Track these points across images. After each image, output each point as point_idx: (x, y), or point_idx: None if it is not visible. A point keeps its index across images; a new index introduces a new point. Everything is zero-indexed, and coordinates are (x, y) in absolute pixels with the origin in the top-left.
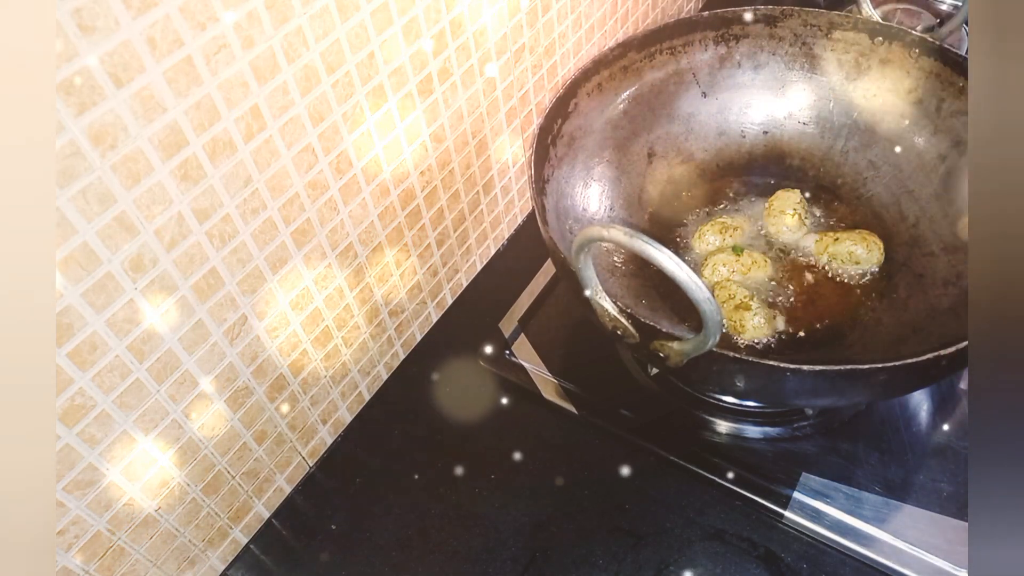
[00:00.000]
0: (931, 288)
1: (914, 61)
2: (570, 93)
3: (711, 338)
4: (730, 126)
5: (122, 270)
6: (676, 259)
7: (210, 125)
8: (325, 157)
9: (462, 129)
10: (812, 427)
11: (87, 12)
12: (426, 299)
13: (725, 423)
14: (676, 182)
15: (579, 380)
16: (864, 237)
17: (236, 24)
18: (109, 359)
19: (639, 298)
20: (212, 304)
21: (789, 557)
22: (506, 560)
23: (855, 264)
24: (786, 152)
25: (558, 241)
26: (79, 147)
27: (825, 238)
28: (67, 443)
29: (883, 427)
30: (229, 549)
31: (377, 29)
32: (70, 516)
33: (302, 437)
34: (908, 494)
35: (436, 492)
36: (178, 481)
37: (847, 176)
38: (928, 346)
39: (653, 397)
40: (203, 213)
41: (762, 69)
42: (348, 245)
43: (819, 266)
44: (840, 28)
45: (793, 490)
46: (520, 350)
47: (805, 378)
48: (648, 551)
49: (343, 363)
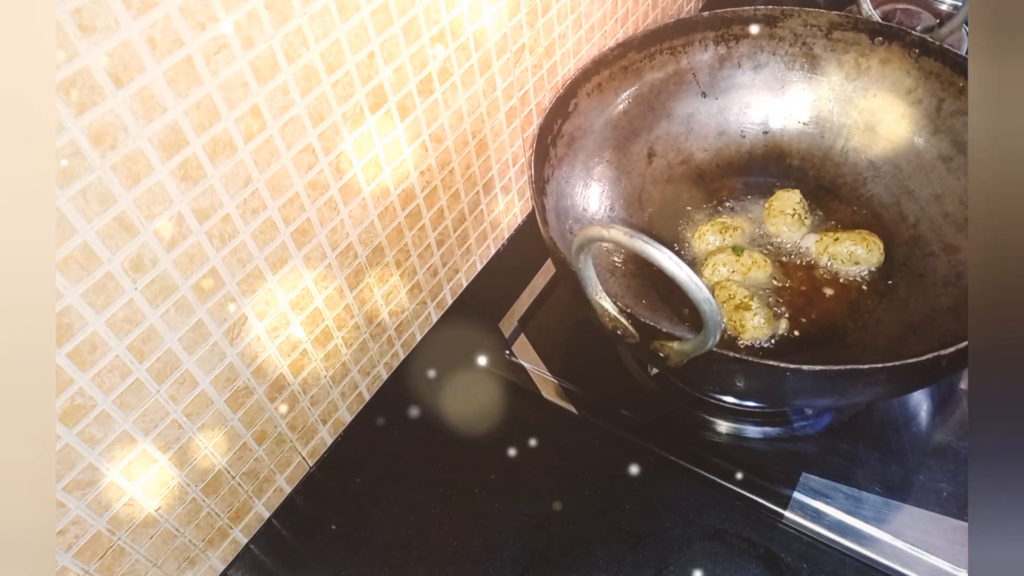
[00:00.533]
0: (931, 288)
1: (914, 61)
2: (570, 93)
3: (711, 338)
4: (730, 126)
5: (122, 270)
6: (676, 259)
7: (210, 125)
8: (325, 157)
9: (462, 129)
10: (812, 427)
11: (87, 12)
12: (426, 299)
13: (725, 423)
14: (676, 182)
15: (579, 380)
16: (864, 237)
17: (236, 24)
18: (109, 359)
19: (639, 298)
20: (212, 304)
21: (789, 557)
22: (506, 560)
23: (855, 264)
24: (786, 152)
25: (558, 241)
26: (79, 147)
27: (825, 238)
28: (67, 443)
29: (883, 427)
30: (229, 549)
31: (377, 29)
32: (70, 516)
33: (302, 437)
34: (908, 494)
35: (436, 492)
36: (178, 481)
37: (847, 176)
38: (928, 346)
39: (653, 397)
40: (203, 213)
41: (762, 69)
42: (348, 245)
43: (819, 266)
44: (840, 28)
45: (793, 490)
46: (520, 350)
47: (805, 378)
48: (648, 551)
49: (343, 363)
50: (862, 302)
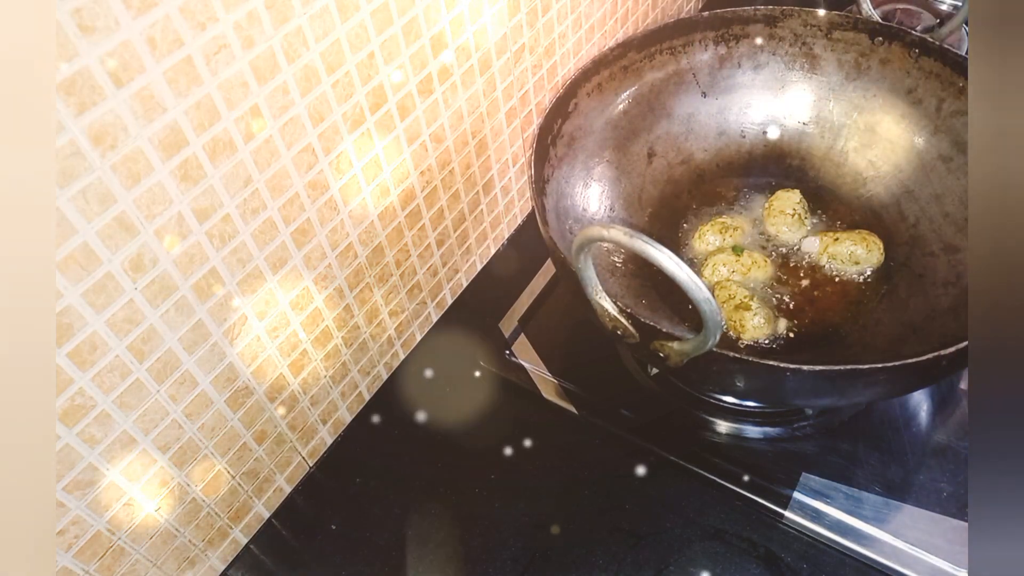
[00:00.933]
0: (931, 288)
1: (914, 61)
2: (570, 93)
3: (711, 338)
4: (730, 126)
5: (122, 270)
6: (676, 259)
7: (210, 125)
8: (325, 157)
9: (462, 129)
10: (812, 427)
11: (87, 12)
12: (426, 299)
13: (725, 423)
14: (676, 182)
15: (579, 380)
16: (864, 237)
17: (236, 24)
18: (109, 359)
19: (639, 298)
20: (212, 304)
21: (789, 557)
22: (506, 560)
23: (855, 264)
24: (786, 152)
25: (558, 241)
26: (79, 147)
27: (825, 238)
28: (67, 443)
29: (883, 427)
30: (229, 549)
31: (377, 29)
32: (70, 516)
33: (302, 437)
34: (908, 494)
35: (436, 492)
36: (178, 481)
37: (847, 176)
38: (928, 346)
39: (653, 397)
40: (203, 213)
41: (762, 69)
42: (348, 245)
43: (819, 266)
44: (840, 28)
45: (793, 490)
46: (520, 350)
47: (805, 378)
48: (648, 551)
49: (343, 363)
50: (862, 302)
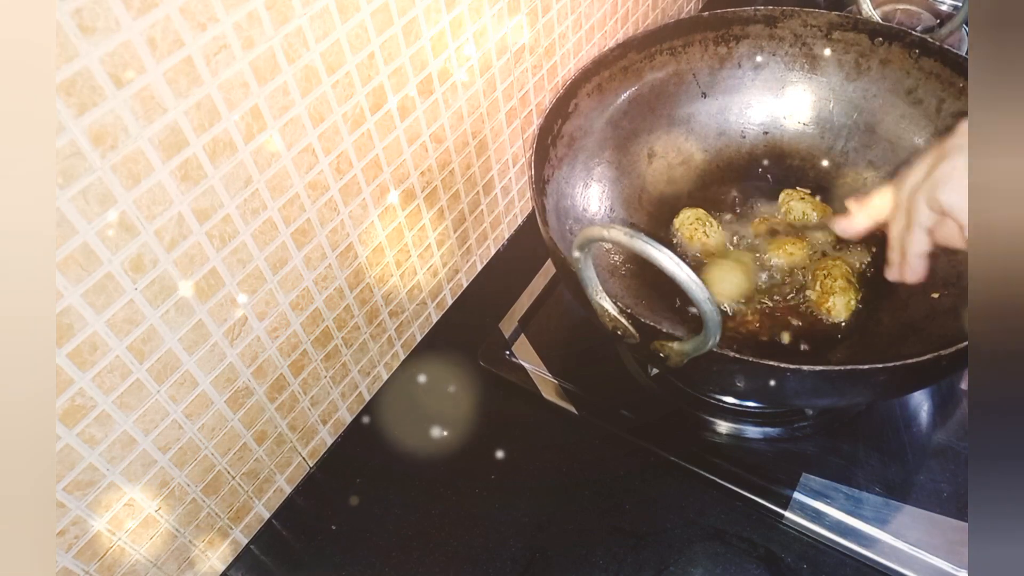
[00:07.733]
0: (931, 288)
1: (914, 61)
2: (570, 93)
3: (711, 338)
4: (730, 126)
5: (122, 270)
6: (676, 259)
7: (210, 125)
8: (325, 157)
9: (462, 130)
10: (812, 427)
11: (87, 12)
12: (426, 299)
13: (725, 423)
14: (676, 182)
15: (579, 380)
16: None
17: (236, 24)
18: (109, 359)
19: (639, 298)
20: (212, 304)
21: (789, 557)
22: (506, 560)
23: (855, 264)
24: (786, 152)
25: (558, 241)
26: (79, 147)
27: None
28: (67, 443)
29: (883, 427)
30: (229, 549)
31: (377, 29)
32: (70, 516)
33: (302, 437)
34: (908, 494)
35: (436, 492)
36: (178, 481)
37: (847, 176)
38: (928, 346)
39: (653, 397)
40: (203, 213)
41: (762, 69)
42: (348, 245)
43: (819, 266)
44: (840, 28)
45: (793, 490)
46: (520, 350)
47: (805, 378)
48: (648, 551)
49: (343, 363)
50: (862, 302)
